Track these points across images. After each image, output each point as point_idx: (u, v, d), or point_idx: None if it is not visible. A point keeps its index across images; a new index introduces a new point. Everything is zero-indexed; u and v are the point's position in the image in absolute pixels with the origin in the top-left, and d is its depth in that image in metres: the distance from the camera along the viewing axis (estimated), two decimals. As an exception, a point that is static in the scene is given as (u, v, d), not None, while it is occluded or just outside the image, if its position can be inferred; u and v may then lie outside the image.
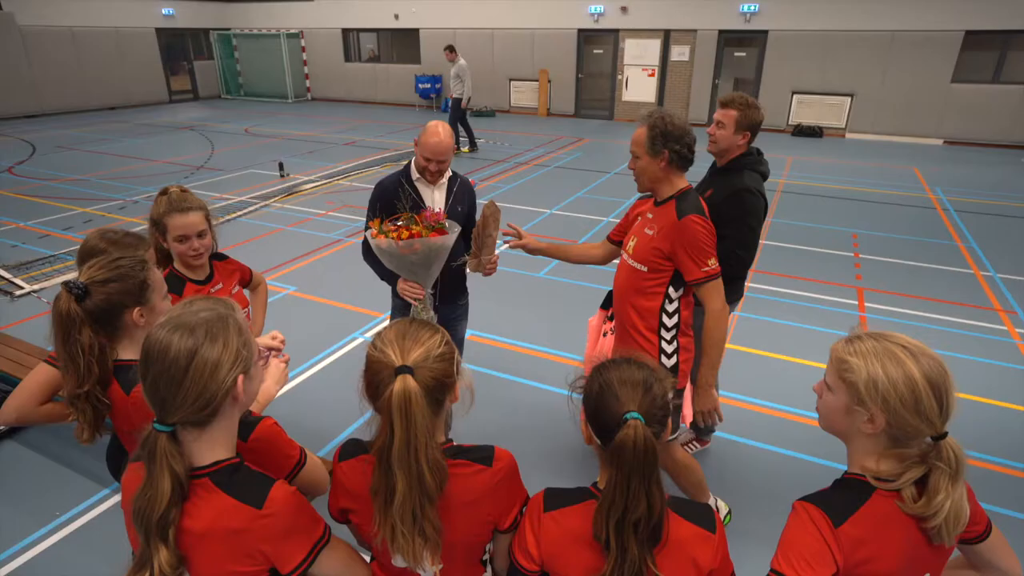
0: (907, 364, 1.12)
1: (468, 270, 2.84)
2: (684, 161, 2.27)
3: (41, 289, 5.24)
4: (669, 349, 2.39)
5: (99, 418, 1.57)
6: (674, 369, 2.40)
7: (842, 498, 1.17)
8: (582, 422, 1.28)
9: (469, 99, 10.57)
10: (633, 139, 2.30)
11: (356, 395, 1.25)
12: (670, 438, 2.46)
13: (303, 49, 18.67)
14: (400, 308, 2.94)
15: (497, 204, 2.62)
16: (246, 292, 2.60)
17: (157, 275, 1.67)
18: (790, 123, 13.69)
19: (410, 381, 1.14)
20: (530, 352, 4.37)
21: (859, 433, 1.18)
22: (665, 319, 2.37)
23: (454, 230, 2.43)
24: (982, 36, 11.90)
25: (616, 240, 2.69)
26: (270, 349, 1.81)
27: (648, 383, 1.20)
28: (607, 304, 2.98)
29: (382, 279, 2.78)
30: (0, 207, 7.61)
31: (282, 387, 1.73)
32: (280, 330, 1.91)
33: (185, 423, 1.13)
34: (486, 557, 1.41)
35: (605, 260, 2.83)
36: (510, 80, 16.25)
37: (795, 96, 13.54)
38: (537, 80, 15.86)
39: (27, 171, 9.58)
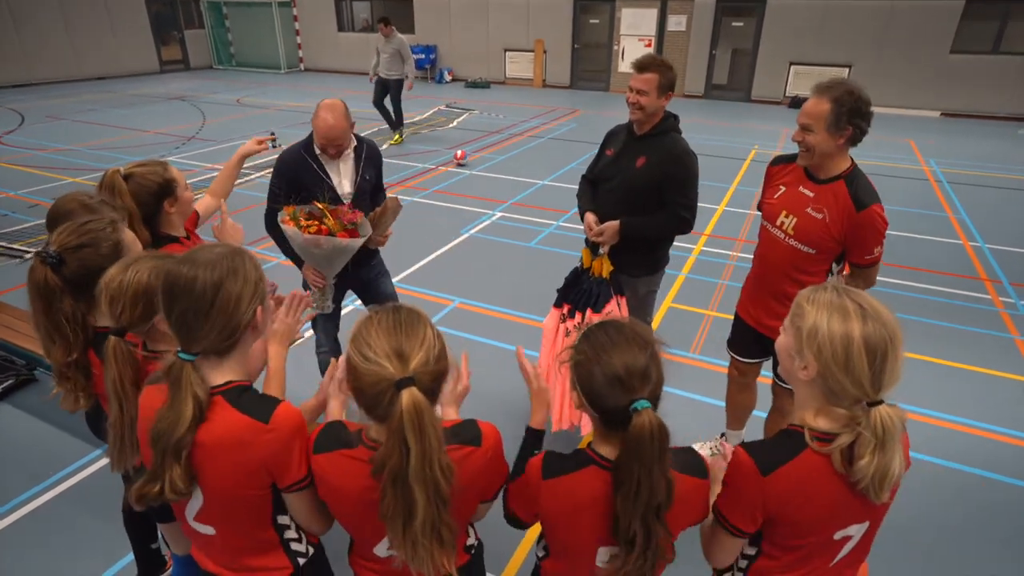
0: (851, 322, 1.13)
1: None
2: (861, 139, 2.17)
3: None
4: None
5: (91, 382, 1.58)
6: None
7: (776, 449, 1.22)
8: (569, 392, 1.26)
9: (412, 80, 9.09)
10: (809, 111, 2.13)
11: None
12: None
13: (295, 18, 18.30)
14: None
15: (400, 201, 2.69)
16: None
17: (130, 234, 1.65)
18: (787, 94, 13.56)
19: (417, 394, 1.06)
20: (516, 319, 4.42)
21: (798, 380, 1.22)
22: None
23: (364, 232, 2.48)
24: (983, 5, 11.72)
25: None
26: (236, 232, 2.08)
27: (650, 362, 1.17)
28: (559, 301, 2.89)
29: (285, 255, 2.78)
30: (-11, 177, 7.56)
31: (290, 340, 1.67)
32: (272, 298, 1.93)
33: (208, 352, 1.22)
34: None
35: None
36: (505, 50, 16.01)
37: (792, 67, 13.39)
38: (532, 51, 15.64)
39: (17, 140, 9.49)
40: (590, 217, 2.80)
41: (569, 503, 1.24)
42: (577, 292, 2.80)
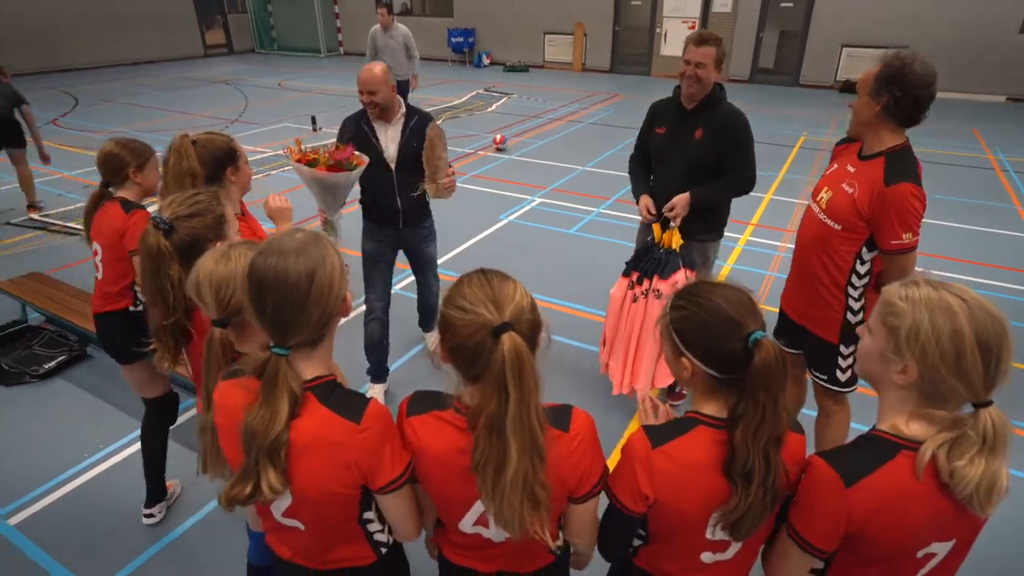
0: (959, 317, 1.02)
1: (429, 197, 2.99)
2: (902, 113, 2.04)
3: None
4: (856, 306, 2.29)
5: (178, 348, 1.67)
6: (859, 324, 2.29)
7: (861, 456, 1.10)
8: (674, 361, 1.22)
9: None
10: (862, 76, 2.13)
11: (400, 332, 1.21)
12: (848, 390, 2.42)
13: (335, 2, 18.39)
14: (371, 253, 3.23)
15: (439, 126, 2.79)
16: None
17: (229, 209, 1.72)
18: (838, 79, 12.99)
19: (517, 338, 1.06)
20: (556, 308, 4.33)
21: (891, 384, 1.10)
22: (855, 279, 2.25)
23: (350, 177, 2.60)
24: (1058, -17, 10.99)
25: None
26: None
27: (751, 297, 1.17)
28: (628, 271, 2.95)
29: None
30: (44, 158, 7.81)
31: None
32: None
33: (301, 344, 1.16)
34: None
35: None
36: (544, 34, 15.77)
37: (844, 49, 12.82)
38: (572, 34, 15.36)
39: (70, 123, 9.79)
40: (645, 200, 2.91)
41: (682, 468, 1.16)
42: (647, 261, 2.88)
